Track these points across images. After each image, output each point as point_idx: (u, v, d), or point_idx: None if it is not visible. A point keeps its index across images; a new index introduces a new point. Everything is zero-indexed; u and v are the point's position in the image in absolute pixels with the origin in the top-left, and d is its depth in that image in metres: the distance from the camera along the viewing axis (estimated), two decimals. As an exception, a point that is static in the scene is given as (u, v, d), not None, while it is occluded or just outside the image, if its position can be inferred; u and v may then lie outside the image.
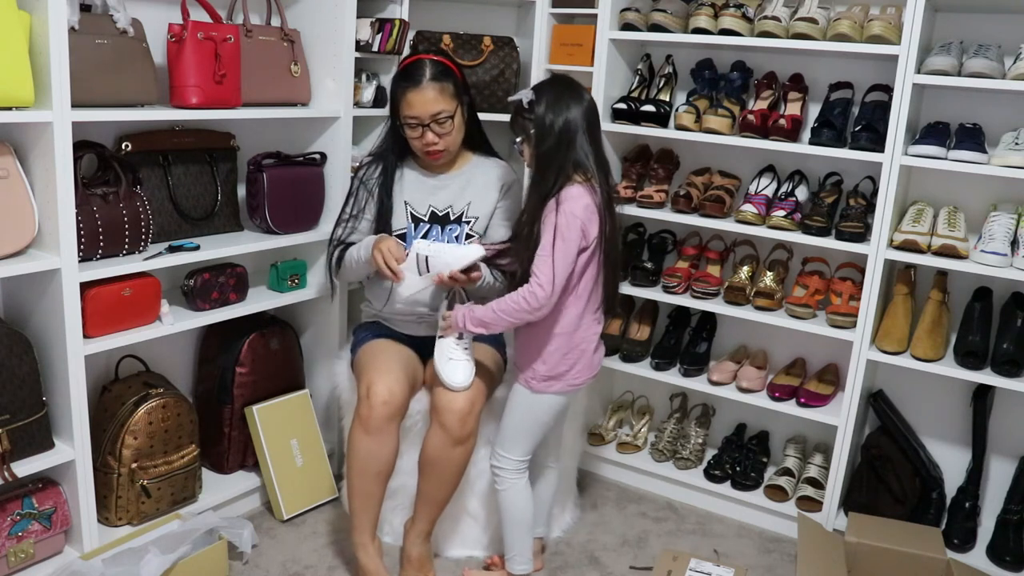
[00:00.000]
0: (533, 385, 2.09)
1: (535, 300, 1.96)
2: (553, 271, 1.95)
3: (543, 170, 2.01)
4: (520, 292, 1.98)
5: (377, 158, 2.30)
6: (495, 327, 2.05)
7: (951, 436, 2.62)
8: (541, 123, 1.99)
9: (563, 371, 2.09)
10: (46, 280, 1.95)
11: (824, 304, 2.55)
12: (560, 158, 1.99)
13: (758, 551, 2.53)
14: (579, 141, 2.00)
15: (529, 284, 1.97)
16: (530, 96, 2.01)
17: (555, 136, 1.98)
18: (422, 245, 2.11)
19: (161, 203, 2.25)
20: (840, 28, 2.34)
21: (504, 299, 2.02)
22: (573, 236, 1.96)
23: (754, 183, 2.66)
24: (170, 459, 2.26)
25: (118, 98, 2.01)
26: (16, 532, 1.98)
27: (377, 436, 2.09)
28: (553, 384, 2.09)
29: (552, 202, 1.98)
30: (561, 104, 1.99)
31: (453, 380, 2.09)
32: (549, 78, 2.12)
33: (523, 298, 1.97)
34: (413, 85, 2.14)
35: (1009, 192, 2.40)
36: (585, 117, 2.01)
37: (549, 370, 2.08)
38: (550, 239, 1.96)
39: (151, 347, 2.35)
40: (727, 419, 2.94)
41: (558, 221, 1.96)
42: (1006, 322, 2.35)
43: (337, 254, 2.29)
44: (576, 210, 1.96)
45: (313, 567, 2.31)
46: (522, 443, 2.13)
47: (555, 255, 1.95)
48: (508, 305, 2.00)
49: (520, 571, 2.21)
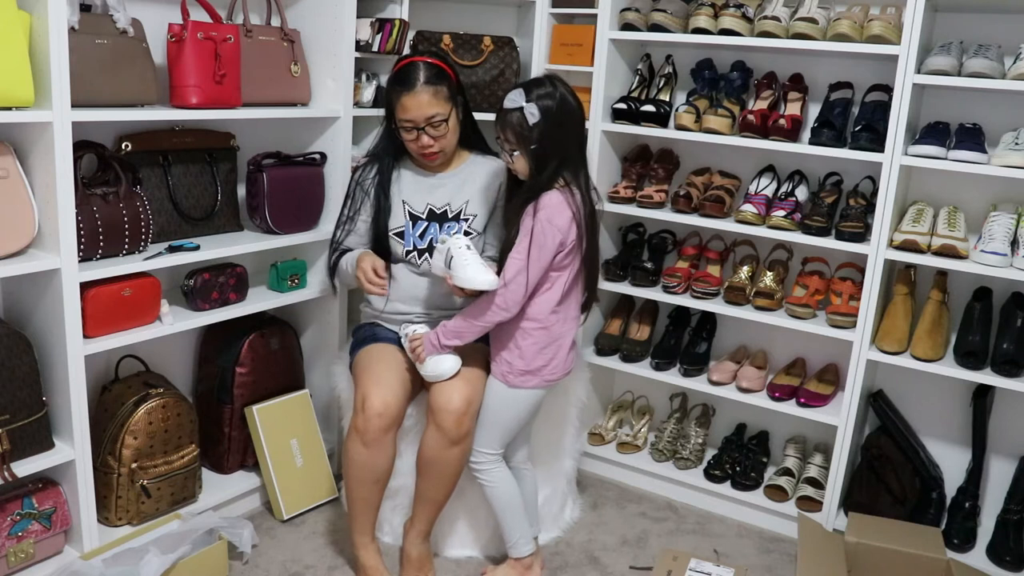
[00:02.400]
0: (510, 380, 2.10)
1: (503, 302, 2.00)
2: (527, 276, 1.98)
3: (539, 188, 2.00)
4: (487, 296, 2.00)
5: (373, 159, 2.30)
6: (468, 335, 2.07)
7: (951, 436, 2.62)
8: (543, 144, 1.97)
9: (540, 366, 2.10)
10: (46, 280, 1.95)
11: (824, 304, 2.55)
12: (551, 173, 2.00)
13: (758, 551, 2.53)
14: (576, 157, 2.03)
15: (496, 295, 1.99)
16: (535, 116, 1.95)
17: (553, 157, 1.99)
18: (460, 242, 2.05)
19: (161, 203, 2.25)
20: (840, 28, 2.34)
21: (474, 306, 2.04)
22: (550, 244, 1.98)
23: (754, 183, 2.66)
24: (170, 459, 2.26)
25: (118, 98, 2.01)
26: (16, 532, 1.98)
27: (373, 447, 2.10)
28: (530, 379, 2.10)
29: (532, 207, 2.00)
30: (565, 124, 1.99)
31: (439, 371, 2.10)
32: (544, 83, 2.01)
33: (489, 301, 2.00)
34: (407, 89, 2.12)
35: (1009, 192, 2.40)
36: (582, 127, 2.04)
37: (526, 365, 2.09)
38: (526, 245, 1.98)
39: (151, 347, 2.35)
40: (727, 419, 2.94)
41: (535, 228, 1.97)
42: (1006, 322, 2.35)
43: (334, 259, 2.31)
44: (554, 218, 1.97)
45: (313, 567, 2.31)
46: (497, 437, 2.15)
47: (529, 261, 1.98)
48: (476, 309, 2.03)
49: (526, 552, 2.23)
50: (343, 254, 2.30)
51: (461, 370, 2.13)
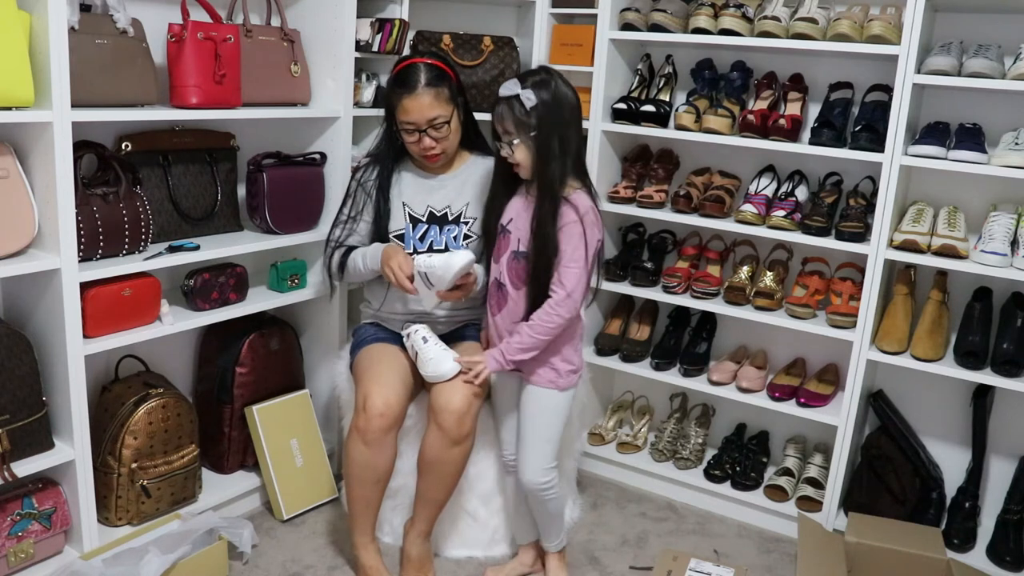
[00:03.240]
0: (561, 384, 2.10)
1: (568, 312, 1.99)
2: (585, 283, 2.00)
3: (550, 178, 1.96)
4: (551, 308, 1.99)
5: (374, 160, 2.30)
6: (535, 349, 2.03)
7: (951, 436, 2.62)
8: (544, 129, 1.94)
9: (579, 362, 2.14)
10: (46, 280, 1.95)
11: (824, 304, 2.55)
12: (564, 166, 1.97)
13: (758, 551, 2.53)
14: (577, 148, 2.01)
15: (556, 296, 1.99)
16: (532, 100, 1.93)
17: (559, 143, 1.95)
18: (419, 261, 2.10)
19: (161, 203, 2.25)
20: (840, 28, 2.34)
21: (535, 319, 2.01)
22: (595, 245, 2.00)
23: (754, 183, 2.66)
24: (170, 459, 2.26)
25: (118, 98, 2.01)
26: (16, 532, 1.98)
27: (374, 447, 2.09)
28: (574, 377, 2.13)
29: (570, 211, 1.97)
30: (563, 107, 1.97)
31: (441, 371, 2.10)
32: (539, 72, 2.00)
33: (556, 314, 1.99)
34: (408, 91, 2.11)
35: (1009, 192, 2.40)
36: (580, 117, 2.02)
37: (569, 365, 2.10)
38: (582, 253, 1.97)
39: (151, 347, 2.35)
40: (727, 419, 2.94)
41: (587, 234, 1.97)
42: (1006, 322, 2.35)
43: (339, 257, 2.28)
44: (595, 220, 1.99)
45: (313, 567, 2.31)
46: (553, 449, 2.14)
47: (587, 267, 1.99)
48: (543, 324, 2.00)
49: (560, 547, 2.28)
50: (348, 251, 2.28)
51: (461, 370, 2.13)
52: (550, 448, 2.12)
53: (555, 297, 1.99)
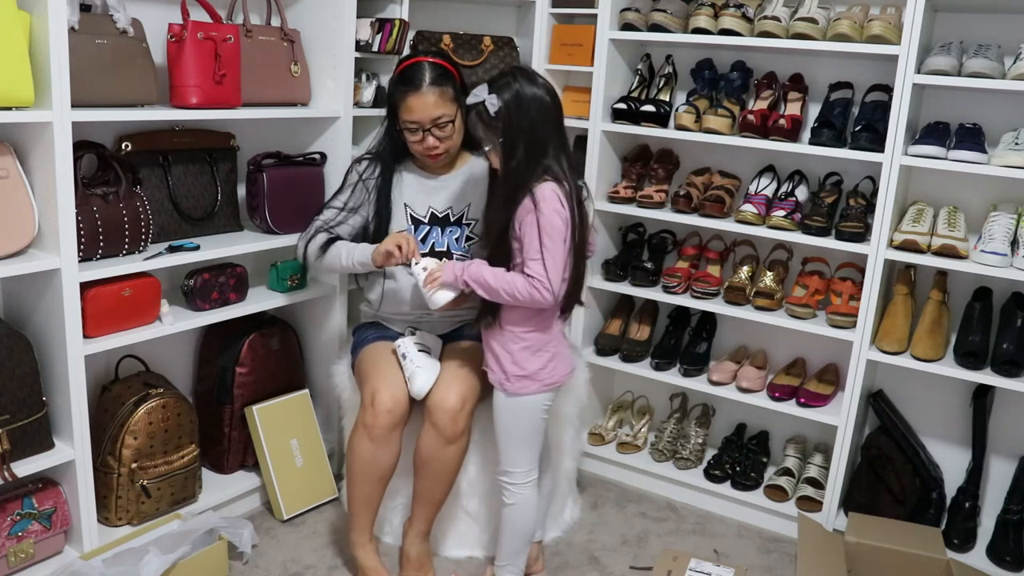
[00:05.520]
0: (507, 387, 2.01)
1: (540, 299, 1.90)
2: (547, 272, 1.88)
3: (514, 183, 1.92)
4: (526, 283, 1.89)
5: (376, 158, 2.29)
6: (487, 292, 1.94)
7: (951, 436, 2.62)
8: (509, 132, 1.90)
9: (536, 369, 2.00)
10: (46, 280, 1.95)
11: (824, 304, 2.55)
12: (524, 161, 1.91)
13: (758, 551, 2.53)
14: (550, 145, 1.93)
15: (531, 283, 1.89)
16: (496, 104, 1.90)
17: (524, 145, 1.90)
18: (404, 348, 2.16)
19: (161, 203, 2.25)
20: (840, 28, 2.34)
21: (510, 277, 1.92)
22: (559, 233, 1.90)
23: (754, 183, 2.66)
24: (170, 459, 2.26)
25: (118, 98, 2.01)
26: (16, 532, 1.98)
27: (380, 444, 2.09)
28: (528, 384, 2.01)
29: (527, 202, 1.91)
30: (527, 109, 1.90)
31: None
32: (505, 75, 1.96)
33: (528, 292, 1.89)
34: (413, 90, 2.10)
35: (1009, 192, 2.40)
36: (552, 113, 1.94)
37: (521, 370, 2.00)
38: (537, 244, 1.89)
39: (151, 347, 2.35)
40: (727, 419, 2.94)
41: (540, 221, 1.89)
42: (1006, 322, 2.35)
43: (323, 240, 2.24)
44: (556, 205, 1.89)
45: (313, 567, 2.31)
46: (523, 451, 2.06)
47: (544, 253, 1.88)
48: (508, 281, 1.92)
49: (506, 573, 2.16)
50: (333, 239, 2.23)
51: (456, 370, 2.13)
52: (505, 447, 2.06)
53: (532, 284, 1.90)
